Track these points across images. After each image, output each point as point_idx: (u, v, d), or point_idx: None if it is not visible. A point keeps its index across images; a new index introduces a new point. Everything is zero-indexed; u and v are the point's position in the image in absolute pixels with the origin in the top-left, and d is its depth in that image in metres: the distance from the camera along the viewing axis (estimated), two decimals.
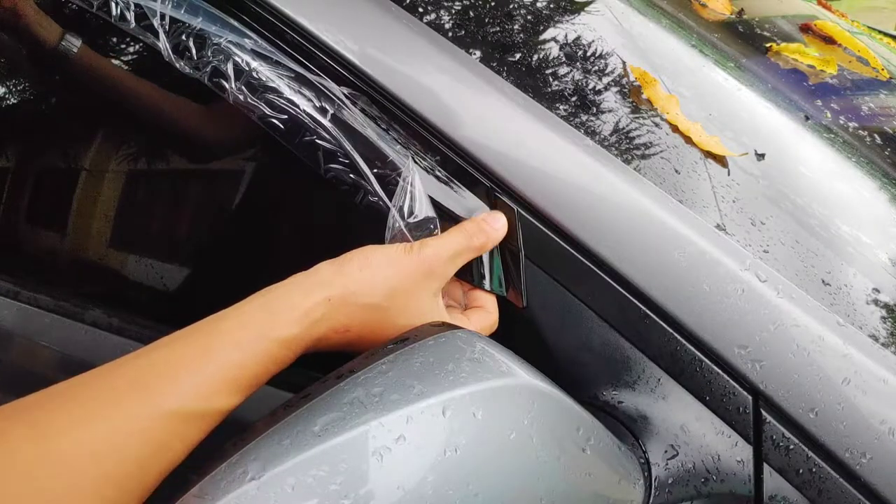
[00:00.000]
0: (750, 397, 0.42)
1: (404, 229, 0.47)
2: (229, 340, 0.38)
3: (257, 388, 0.38)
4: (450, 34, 0.56)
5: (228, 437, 0.36)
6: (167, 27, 0.52)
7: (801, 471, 0.41)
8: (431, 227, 0.48)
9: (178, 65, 0.52)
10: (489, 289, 0.49)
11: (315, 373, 0.40)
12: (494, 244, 0.47)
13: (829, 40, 0.95)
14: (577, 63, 0.61)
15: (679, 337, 0.44)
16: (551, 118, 0.51)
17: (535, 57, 0.60)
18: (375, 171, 0.49)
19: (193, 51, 0.52)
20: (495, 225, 0.47)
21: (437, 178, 0.50)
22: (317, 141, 0.49)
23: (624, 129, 0.55)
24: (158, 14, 0.51)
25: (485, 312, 0.48)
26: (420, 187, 0.48)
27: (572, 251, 0.46)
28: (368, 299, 0.42)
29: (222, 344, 0.37)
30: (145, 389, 0.35)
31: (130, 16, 0.52)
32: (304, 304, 0.40)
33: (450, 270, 0.45)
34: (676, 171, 0.53)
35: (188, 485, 0.33)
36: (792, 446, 0.41)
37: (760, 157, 0.59)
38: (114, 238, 0.64)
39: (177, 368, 0.36)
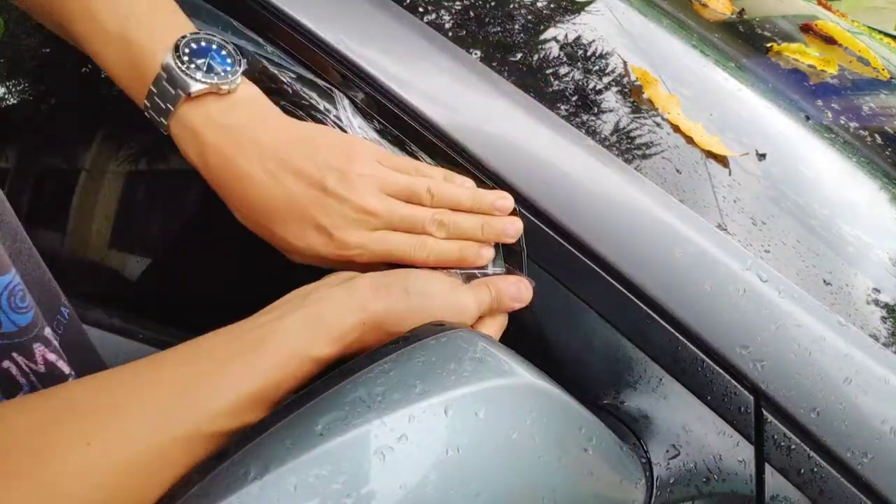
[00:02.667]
0: (751, 397, 0.42)
1: None
2: (270, 360, 0.37)
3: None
4: (450, 34, 0.56)
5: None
6: None
7: (802, 470, 0.41)
8: None
9: None
10: None
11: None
12: (510, 310, 0.47)
13: (829, 40, 0.95)
14: (578, 63, 0.61)
15: (680, 337, 0.44)
16: (552, 118, 0.51)
17: (536, 57, 0.60)
18: None
19: None
20: (515, 294, 0.46)
21: None
22: None
23: (625, 128, 0.55)
24: None
25: (489, 318, 0.47)
26: None
27: (574, 251, 0.46)
28: (398, 329, 0.41)
29: (264, 363, 0.37)
30: (185, 410, 0.35)
31: None
32: (342, 327, 0.40)
33: (475, 317, 0.45)
34: (678, 171, 0.53)
35: (190, 485, 0.33)
36: (793, 446, 0.41)
37: (761, 157, 0.59)
38: (114, 238, 0.64)
39: (217, 388, 0.36)
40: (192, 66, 0.44)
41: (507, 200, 0.47)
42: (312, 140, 0.46)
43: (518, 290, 0.46)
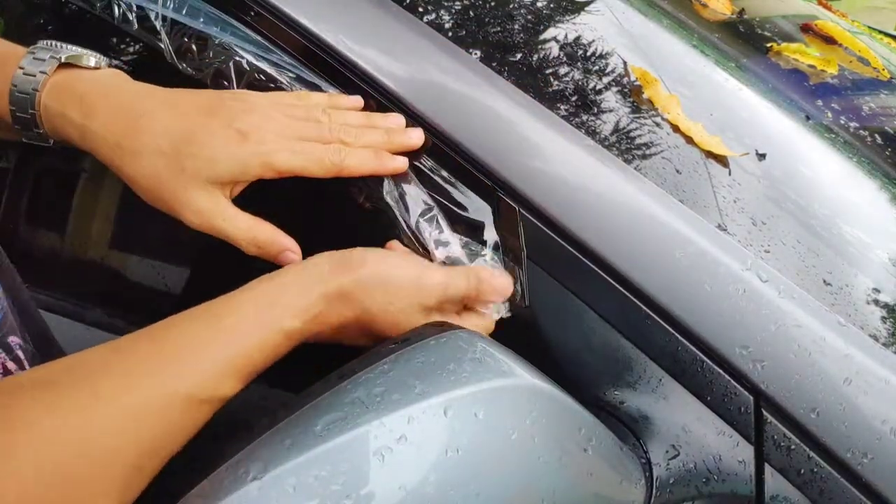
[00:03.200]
0: (751, 397, 0.42)
1: (416, 231, 0.48)
2: (235, 330, 0.38)
3: (256, 376, 0.39)
4: (450, 34, 0.56)
5: (230, 437, 0.36)
6: (169, 29, 0.52)
7: (802, 471, 0.41)
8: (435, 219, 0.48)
9: (180, 66, 0.52)
10: None
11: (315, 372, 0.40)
12: (489, 302, 0.47)
13: (829, 40, 0.95)
14: (578, 63, 0.61)
15: (680, 337, 0.44)
16: (552, 118, 0.51)
17: (536, 57, 0.60)
18: None
19: (195, 52, 0.52)
20: (498, 286, 0.46)
21: (441, 178, 0.50)
22: None
23: (625, 128, 0.55)
24: (160, 16, 0.52)
25: (478, 316, 0.48)
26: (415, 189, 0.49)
27: (574, 251, 0.46)
28: (367, 301, 0.42)
29: (229, 333, 0.38)
30: (159, 372, 0.36)
31: (132, 17, 0.52)
32: (304, 300, 0.41)
33: (445, 304, 0.46)
34: (678, 171, 0.53)
35: (190, 485, 0.33)
36: (793, 446, 0.41)
37: (761, 157, 0.59)
38: (115, 238, 0.64)
39: (188, 353, 0.37)
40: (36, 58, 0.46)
41: (399, 118, 0.49)
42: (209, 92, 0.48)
43: (501, 284, 0.46)
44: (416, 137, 0.49)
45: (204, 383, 0.36)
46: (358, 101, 0.50)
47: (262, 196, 0.47)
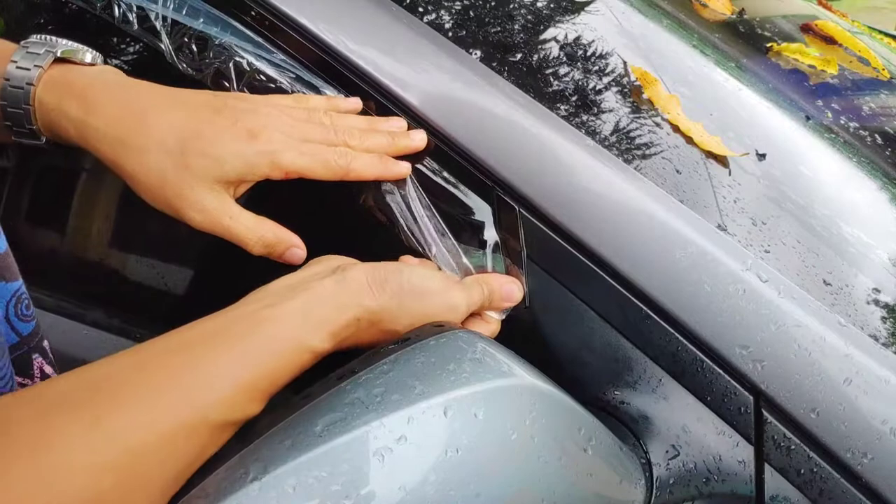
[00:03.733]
0: (751, 397, 0.42)
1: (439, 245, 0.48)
2: (268, 349, 0.36)
3: None
4: (450, 34, 0.56)
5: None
6: (169, 29, 0.52)
7: (802, 471, 0.41)
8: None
9: (180, 66, 0.52)
10: None
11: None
12: (500, 309, 0.47)
13: (829, 40, 0.95)
14: (578, 63, 0.61)
15: (680, 337, 0.44)
16: (552, 118, 0.51)
17: (536, 57, 0.60)
18: None
19: (195, 52, 0.52)
20: (507, 294, 0.47)
21: (441, 178, 0.50)
22: None
23: (625, 128, 0.55)
24: (160, 16, 0.52)
25: (482, 322, 0.47)
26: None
27: (573, 251, 0.46)
28: (392, 326, 0.41)
29: (261, 352, 0.36)
30: (187, 397, 0.33)
31: (133, 17, 0.52)
32: (338, 321, 0.39)
33: (465, 315, 0.45)
34: (677, 171, 0.53)
35: (190, 486, 0.33)
36: (793, 446, 0.41)
37: (761, 157, 0.59)
38: (115, 238, 0.64)
39: (216, 375, 0.35)
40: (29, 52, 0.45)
41: (400, 121, 0.49)
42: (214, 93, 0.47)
43: (510, 290, 0.46)
44: (419, 140, 0.48)
45: (232, 407, 0.34)
46: (357, 103, 0.50)
47: (259, 195, 0.47)
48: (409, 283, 0.43)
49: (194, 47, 0.52)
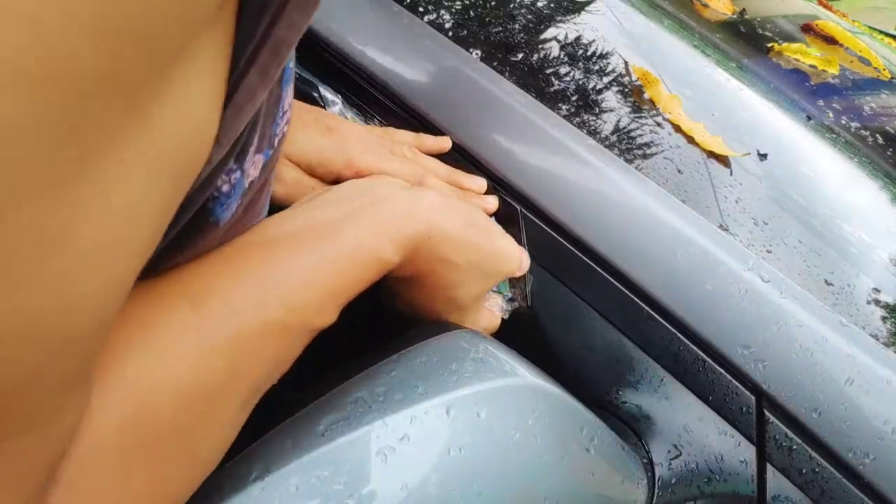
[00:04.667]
0: (753, 397, 0.42)
1: None
2: (350, 258, 0.35)
3: None
4: (451, 34, 0.56)
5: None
6: None
7: (804, 471, 0.41)
8: None
9: None
10: (494, 289, 0.49)
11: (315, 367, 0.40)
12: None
13: (830, 40, 0.95)
14: (579, 63, 0.61)
15: (682, 337, 0.44)
16: (553, 118, 0.51)
17: (537, 56, 0.60)
18: None
19: None
20: (525, 263, 0.47)
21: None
22: None
23: (626, 128, 0.55)
24: None
25: (490, 315, 0.48)
26: None
27: (575, 251, 0.46)
28: (455, 258, 0.40)
29: (342, 259, 0.35)
30: (280, 295, 0.32)
31: None
32: (405, 233, 0.38)
33: (514, 270, 0.46)
34: (679, 171, 0.53)
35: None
36: (795, 446, 0.41)
37: (763, 157, 0.59)
38: None
39: (307, 283, 0.33)
40: None
41: (482, 181, 0.49)
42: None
43: (527, 260, 0.47)
44: (491, 206, 0.49)
45: (320, 312, 0.34)
46: (445, 142, 0.50)
47: None
48: (474, 216, 0.42)
49: None
